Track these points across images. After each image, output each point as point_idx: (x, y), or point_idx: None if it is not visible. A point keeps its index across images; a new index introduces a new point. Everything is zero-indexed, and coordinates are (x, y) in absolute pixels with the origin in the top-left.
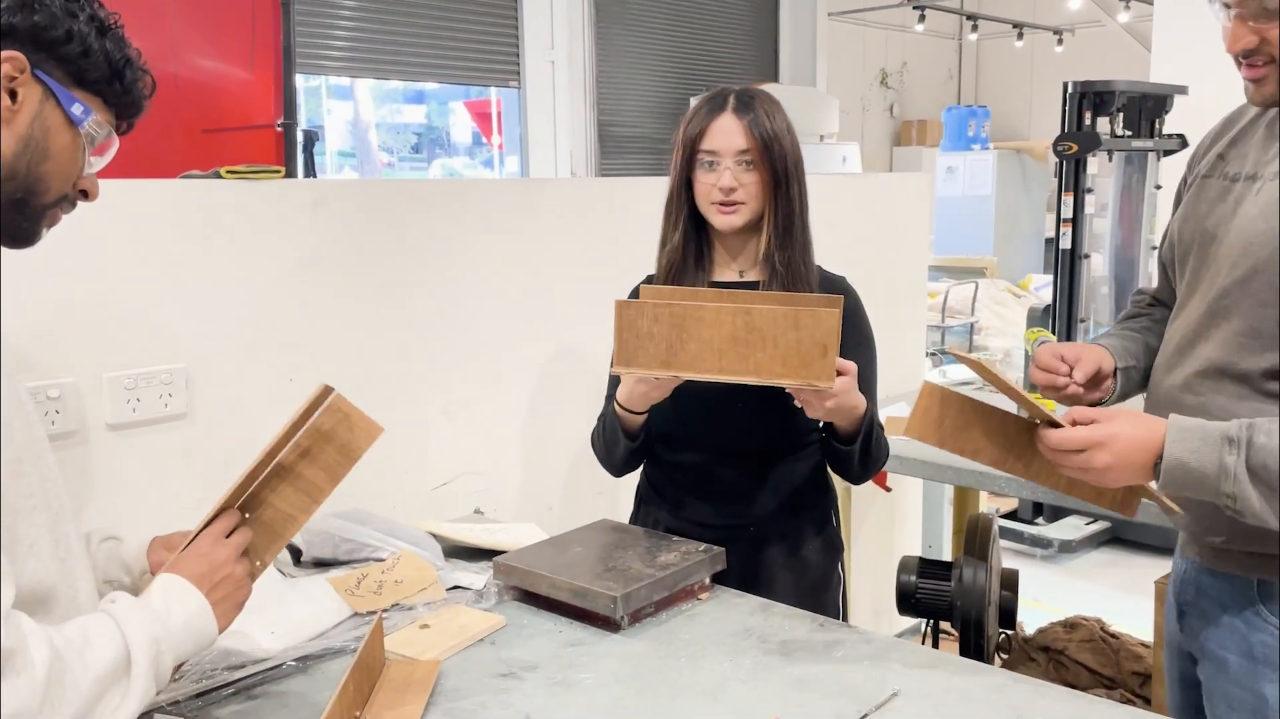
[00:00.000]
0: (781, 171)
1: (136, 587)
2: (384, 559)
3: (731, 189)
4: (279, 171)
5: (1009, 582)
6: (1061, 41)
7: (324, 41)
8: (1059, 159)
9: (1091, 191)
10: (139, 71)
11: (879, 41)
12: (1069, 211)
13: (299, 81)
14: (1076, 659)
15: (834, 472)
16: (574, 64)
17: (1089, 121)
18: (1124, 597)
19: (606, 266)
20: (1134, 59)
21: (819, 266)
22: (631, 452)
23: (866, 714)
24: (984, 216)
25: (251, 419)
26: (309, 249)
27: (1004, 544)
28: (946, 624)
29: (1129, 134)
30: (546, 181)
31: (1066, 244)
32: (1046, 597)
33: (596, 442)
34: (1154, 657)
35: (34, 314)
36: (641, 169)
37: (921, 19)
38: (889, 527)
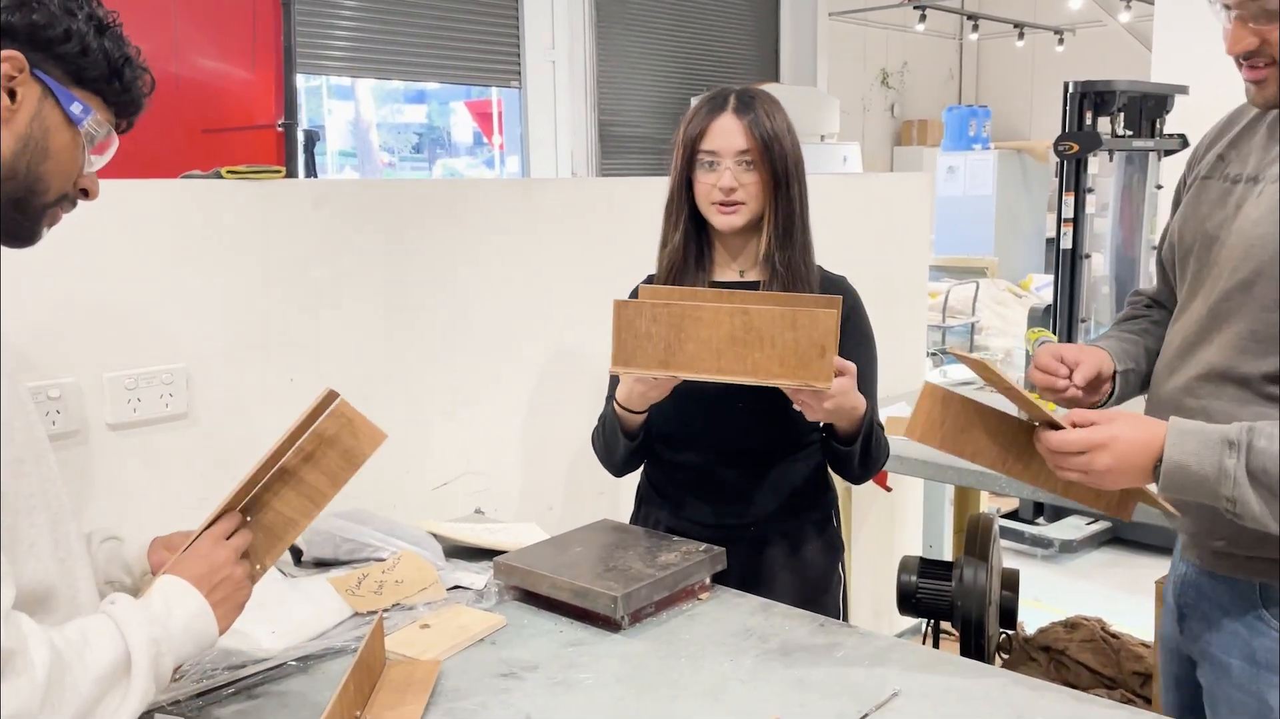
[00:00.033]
0: (782, 172)
1: (137, 587)
2: (385, 559)
3: (732, 189)
4: (280, 172)
5: (1010, 582)
6: (1062, 41)
7: (325, 41)
8: (1060, 159)
9: (1092, 191)
10: (138, 70)
11: (880, 41)
12: (1070, 211)
13: (300, 81)
14: (1077, 659)
15: (834, 472)
16: (575, 64)
17: (1090, 121)
18: (1125, 597)
19: (607, 266)
20: (1135, 59)
21: (819, 266)
22: (631, 451)
23: (867, 714)
24: (985, 216)
25: (252, 419)
26: (310, 249)
27: (1005, 544)
28: (947, 624)
29: (1130, 134)
30: (547, 182)
31: (1067, 244)
32: (1047, 597)
33: (597, 441)
34: (1154, 657)
35: (34, 314)
36: (642, 169)
37: (922, 19)
38: (889, 526)
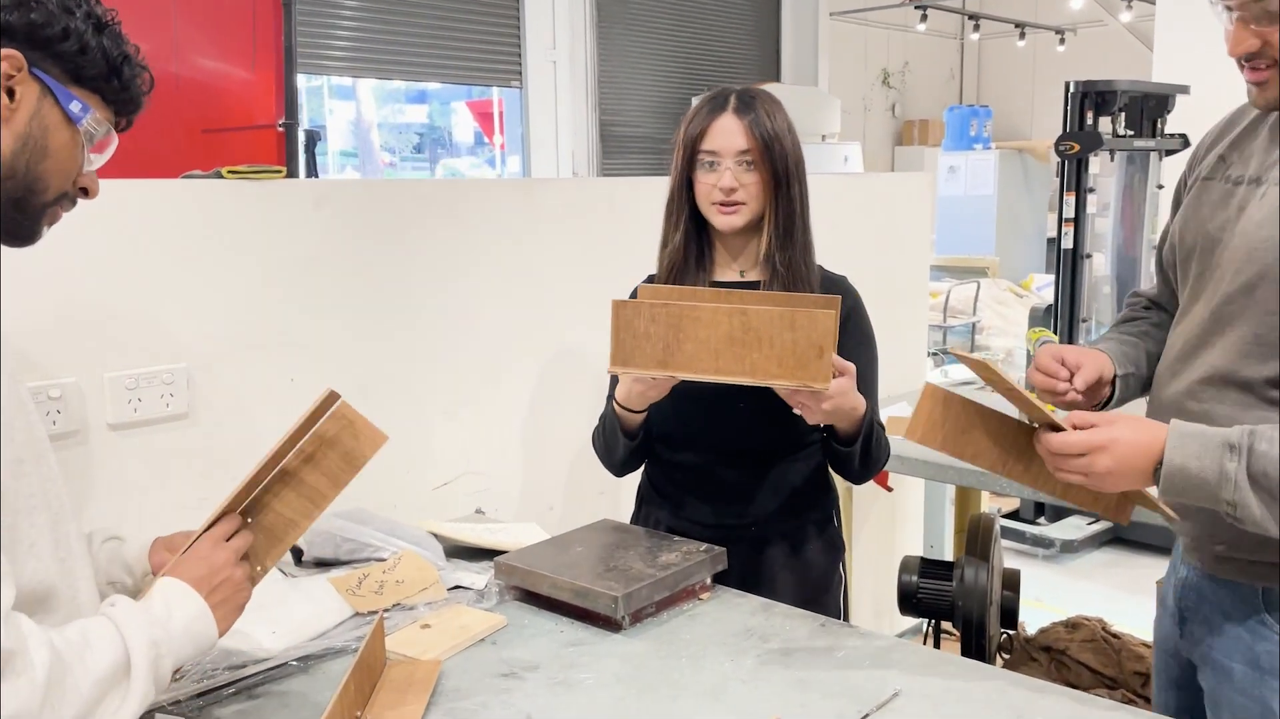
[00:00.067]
0: (782, 172)
1: (138, 587)
2: (385, 559)
3: (732, 189)
4: (280, 172)
5: (1010, 582)
6: (1063, 41)
7: (326, 41)
8: (1061, 159)
9: (1093, 191)
10: (137, 68)
11: (881, 41)
12: (1071, 211)
13: (301, 81)
14: (1078, 659)
15: (835, 472)
16: (576, 64)
17: (1091, 121)
18: (1126, 597)
19: (607, 266)
20: (1136, 58)
21: (820, 266)
22: (631, 451)
23: (868, 714)
24: (986, 216)
25: (253, 419)
26: (310, 249)
27: (1006, 544)
28: (948, 624)
29: (1131, 134)
30: (547, 181)
31: (1068, 244)
32: (1048, 597)
33: (597, 441)
34: None
35: (34, 314)
36: (643, 169)
37: (923, 19)
38: (890, 526)
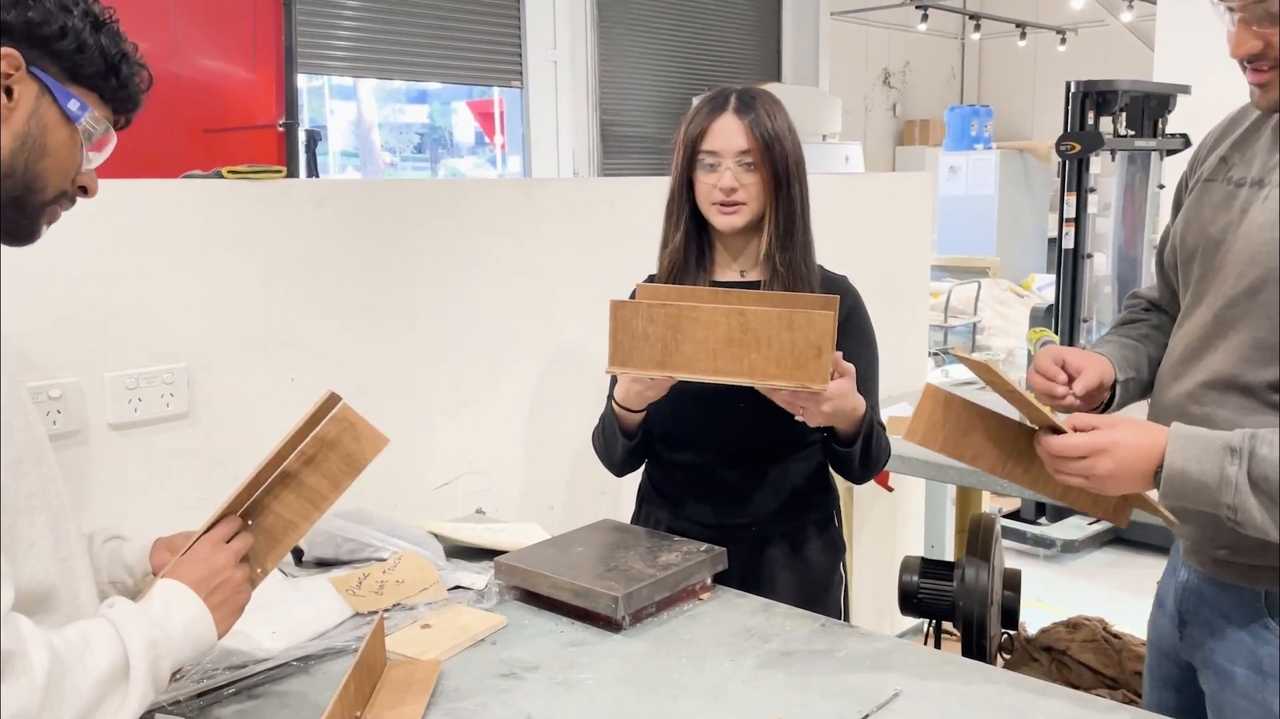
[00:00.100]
0: (783, 172)
1: (139, 588)
2: (385, 559)
3: (732, 189)
4: (280, 171)
5: (1011, 582)
6: (1064, 41)
7: (327, 41)
8: (1062, 159)
9: (1094, 191)
10: (135, 66)
11: (882, 41)
12: (1072, 211)
13: (302, 81)
14: (1079, 659)
15: (835, 472)
16: (576, 64)
17: (1092, 121)
18: (1127, 597)
19: (608, 266)
20: (1137, 58)
21: (820, 266)
22: (630, 450)
23: (868, 715)
24: (987, 216)
25: (253, 419)
26: (311, 249)
27: (1006, 544)
28: (949, 624)
29: (1132, 134)
30: (548, 181)
31: (1069, 244)
32: (1049, 597)
33: (597, 441)
34: None
35: (34, 314)
36: (644, 169)
37: (924, 18)
38: (891, 527)
